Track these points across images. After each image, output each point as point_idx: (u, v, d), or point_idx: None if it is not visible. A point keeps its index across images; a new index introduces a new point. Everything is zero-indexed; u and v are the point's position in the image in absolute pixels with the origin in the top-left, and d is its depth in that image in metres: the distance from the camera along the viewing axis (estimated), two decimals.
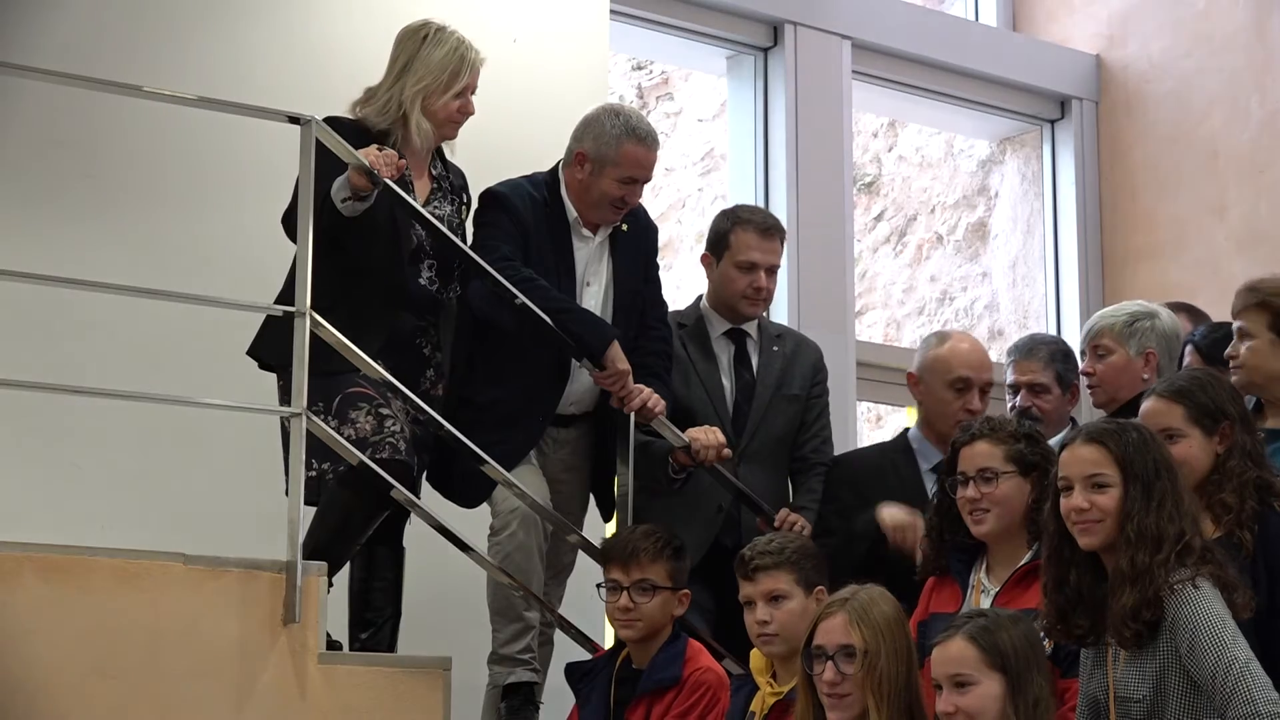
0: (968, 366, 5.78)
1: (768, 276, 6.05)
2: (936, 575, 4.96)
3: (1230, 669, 4.01)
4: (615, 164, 5.84)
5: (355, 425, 5.40)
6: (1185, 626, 4.06)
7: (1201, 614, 4.06)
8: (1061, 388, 6.11)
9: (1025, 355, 6.18)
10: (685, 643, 5.22)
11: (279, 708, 5.08)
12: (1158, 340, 5.62)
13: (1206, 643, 4.04)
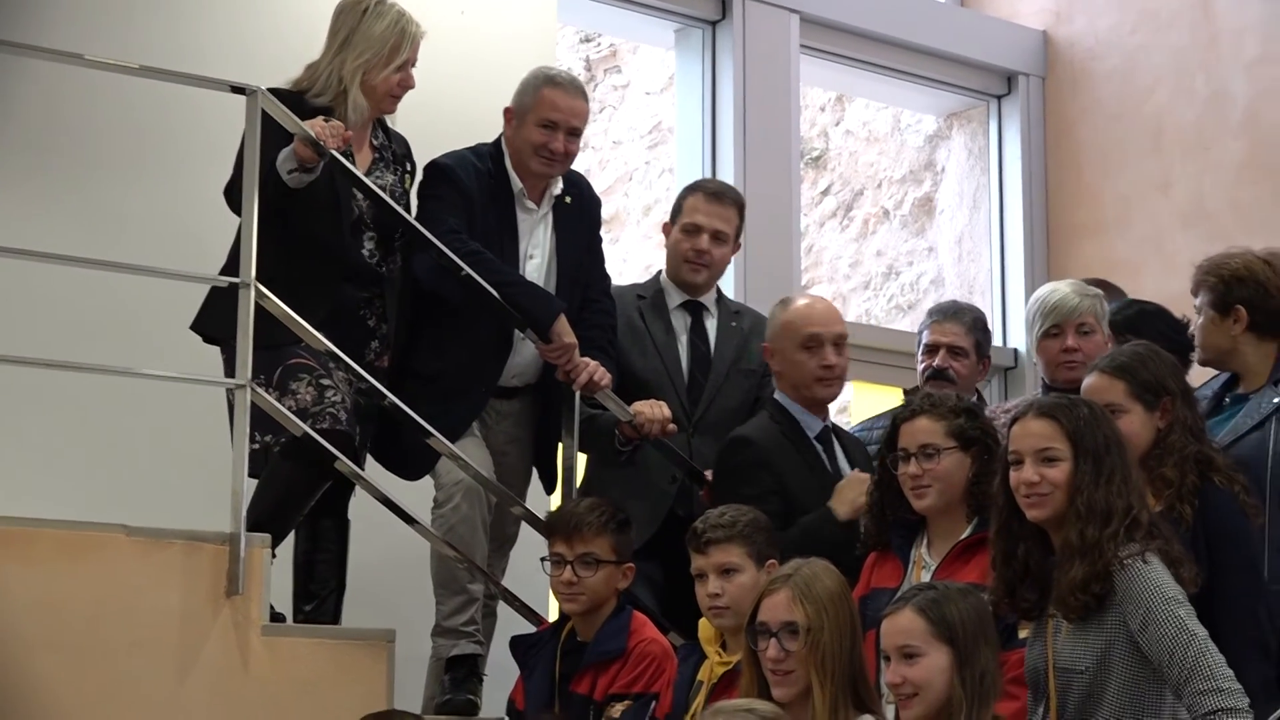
0: (814, 323, 5.68)
1: (712, 241, 6.03)
2: (878, 550, 4.97)
3: (1189, 646, 4.04)
4: (533, 109, 5.84)
5: (296, 396, 5.39)
6: (1138, 601, 4.09)
7: (1154, 589, 4.09)
8: (978, 356, 6.14)
9: (948, 317, 6.19)
10: (630, 615, 5.22)
11: (222, 680, 5.07)
12: (1107, 318, 5.69)
13: (1162, 618, 4.07)
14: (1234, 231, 7.93)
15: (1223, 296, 5.20)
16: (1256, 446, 5.03)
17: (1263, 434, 5.06)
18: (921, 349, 6.20)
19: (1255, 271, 5.20)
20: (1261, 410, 5.10)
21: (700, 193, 6.11)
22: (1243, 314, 5.19)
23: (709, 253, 6.02)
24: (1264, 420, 5.07)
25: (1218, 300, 5.22)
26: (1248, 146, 8.34)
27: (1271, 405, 5.08)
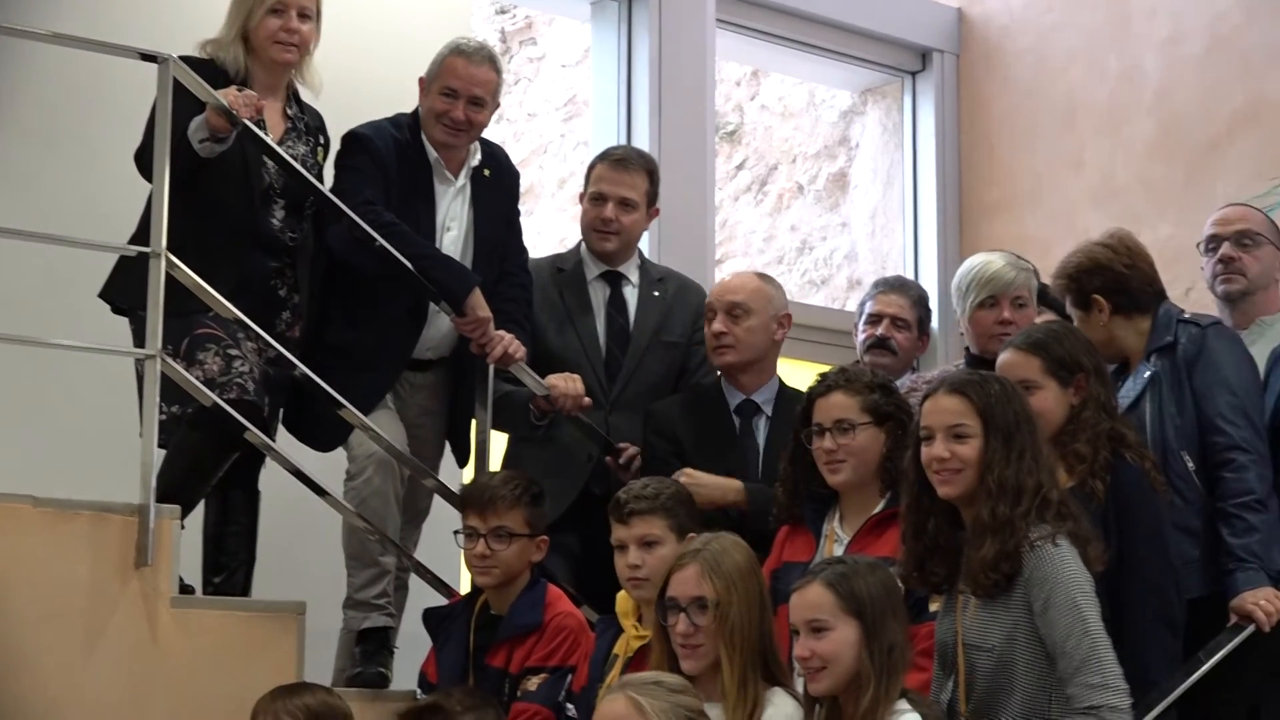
0: (711, 293, 5.78)
1: (617, 208, 5.98)
2: (790, 524, 4.98)
3: (1084, 638, 4.08)
4: (437, 77, 5.81)
5: (203, 366, 5.35)
6: (1041, 585, 4.12)
7: (1060, 575, 4.12)
8: (919, 330, 6.18)
9: (894, 289, 6.23)
10: (544, 588, 5.22)
11: (130, 651, 5.04)
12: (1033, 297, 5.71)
13: (1062, 605, 4.10)
14: (1144, 209, 8.00)
15: (1078, 293, 5.25)
16: (1136, 424, 5.07)
17: (1139, 412, 5.11)
18: (864, 319, 6.22)
19: (1098, 258, 5.25)
20: (1137, 387, 5.14)
21: (605, 161, 6.08)
22: (1102, 302, 5.23)
23: (616, 220, 5.98)
24: (1139, 397, 5.12)
25: (1076, 298, 5.27)
26: (1158, 125, 8.40)
27: (1144, 380, 5.13)
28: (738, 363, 5.63)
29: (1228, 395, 5.07)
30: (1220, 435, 5.03)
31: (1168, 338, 5.16)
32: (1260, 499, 5.00)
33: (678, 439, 5.62)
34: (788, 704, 4.22)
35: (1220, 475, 5.02)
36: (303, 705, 4.75)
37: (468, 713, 4.54)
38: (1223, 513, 4.99)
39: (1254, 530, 4.96)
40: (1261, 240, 5.67)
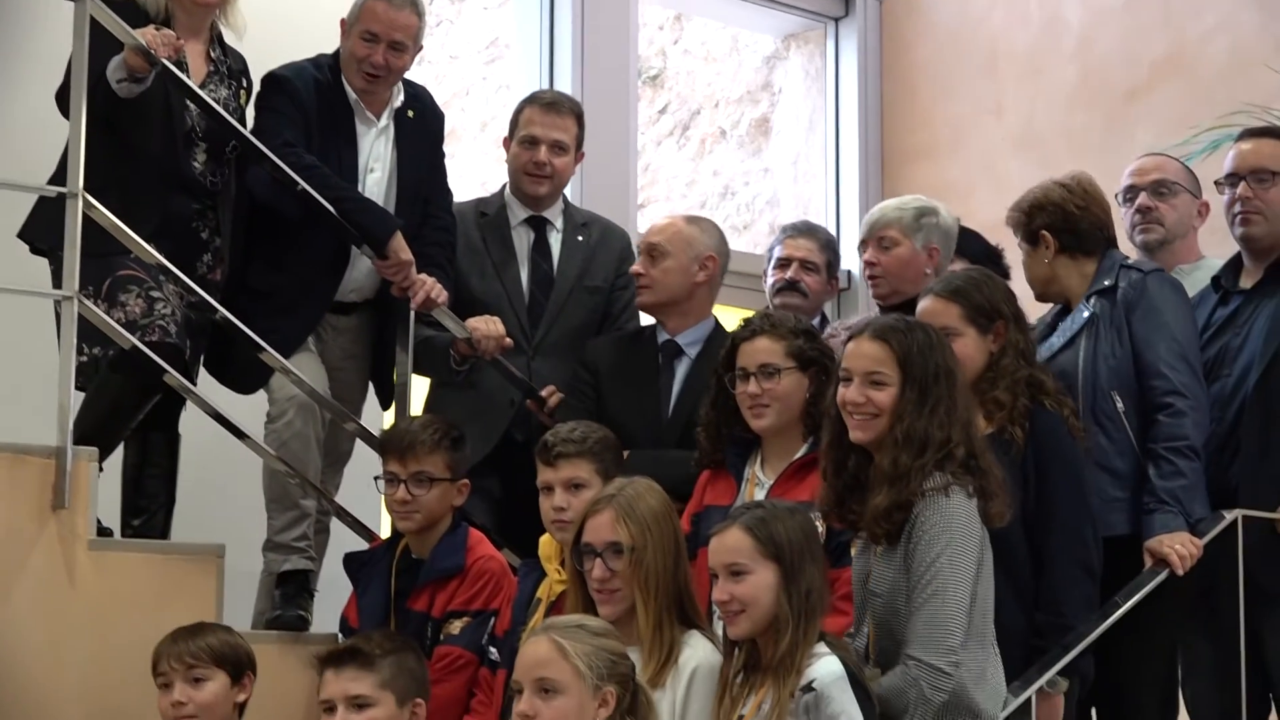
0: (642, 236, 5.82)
1: (550, 152, 5.97)
2: (712, 468, 5.00)
3: (936, 592, 4.11)
4: (358, 20, 5.77)
5: (125, 308, 5.31)
6: (922, 531, 4.15)
7: (941, 524, 4.14)
8: (828, 274, 6.21)
9: (802, 234, 6.26)
10: (466, 532, 5.22)
11: (47, 594, 5.02)
12: (940, 236, 5.66)
13: (929, 552, 4.13)
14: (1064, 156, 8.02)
15: (1027, 227, 5.27)
16: (1069, 362, 5.11)
17: (1074, 350, 5.14)
18: (773, 264, 6.24)
19: (1052, 196, 5.27)
20: (1073, 326, 5.17)
21: (536, 104, 6.07)
22: (1049, 239, 5.25)
23: (548, 164, 5.98)
24: (1074, 336, 5.15)
25: (1025, 232, 5.29)
26: (1079, 72, 8.44)
27: (1082, 320, 5.16)
28: (654, 303, 5.65)
29: (1169, 341, 5.09)
30: (1160, 380, 5.06)
31: (1107, 281, 5.18)
32: (1193, 446, 5.04)
33: (599, 374, 5.63)
34: (704, 647, 4.24)
35: (1157, 418, 5.04)
36: (205, 646, 4.75)
37: (387, 656, 4.54)
38: (1153, 454, 5.03)
39: (1180, 475, 5.00)
40: (1178, 189, 5.71)
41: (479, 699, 4.99)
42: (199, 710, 4.71)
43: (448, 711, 4.96)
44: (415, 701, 4.53)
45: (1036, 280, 5.29)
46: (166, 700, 4.72)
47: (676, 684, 4.17)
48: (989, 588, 4.25)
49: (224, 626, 4.94)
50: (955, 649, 4.10)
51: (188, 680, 4.71)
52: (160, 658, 4.75)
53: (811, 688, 3.94)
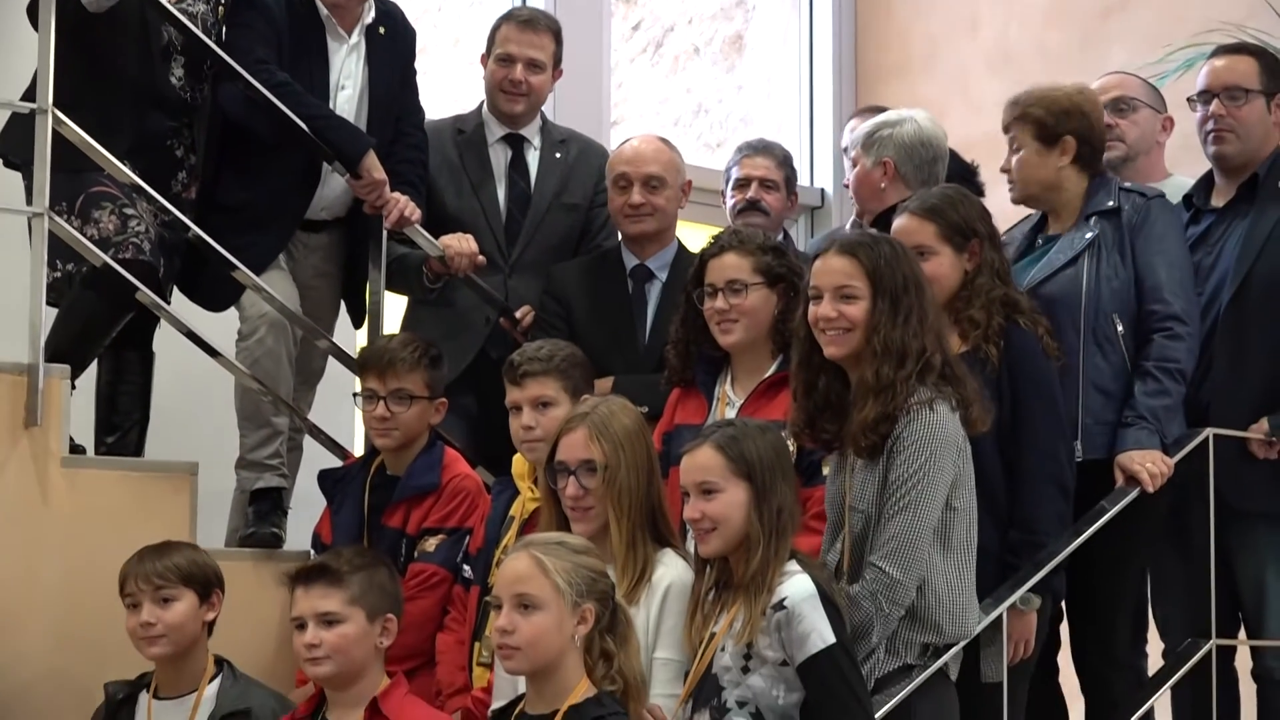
0: (622, 162, 5.73)
1: (526, 70, 5.95)
2: (682, 387, 5.00)
3: (908, 508, 4.14)
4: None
5: (98, 225, 5.29)
6: (906, 445, 4.16)
7: (922, 437, 4.16)
8: (787, 191, 6.20)
9: (759, 152, 6.26)
10: (442, 450, 5.23)
11: (20, 511, 5.02)
12: (895, 149, 5.57)
13: (909, 467, 4.16)
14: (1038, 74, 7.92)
15: (1051, 129, 5.17)
16: (1070, 282, 5.09)
17: (1076, 270, 5.11)
18: (731, 184, 6.24)
19: (1081, 104, 5.20)
20: (1075, 246, 5.14)
21: (512, 22, 6.04)
22: (1071, 145, 5.18)
23: (525, 81, 5.96)
24: (1077, 256, 5.13)
25: (1045, 132, 5.17)
26: None
27: (1084, 241, 5.13)
28: (654, 231, 5.65)
29: (1170, 268, 5.08)
30: (1161, 304, 5.05)
31: (1109, 202, 5.16)
32: (1183, 370, 5.04)
33: (569, 303, 5.63)
34: (677, 565, 4.25)
35: (1152, 338, 5.04)
36: (173, 565, 4.73)
37: (356, 572, 4.53)
38: (1142, 370, 5.03)
39: (1165, 394, 5.01)
40: (1138, 104, 5.70)
41: (453, 616, 5.01)
42: (167, 630, 4.69)
43: (422, 628, 4.98)
44: (386, 617, 4.53)
45: (1036, 183, 5.19)
46: (135, 620, 4.71)
47: (650, 601, 4.18)
48: (972, 500, 4.27)
49: (191, 545, 4.92)
50: (918, 564, 4.13)
51: (156, 601, 4.70)
52: (127, 578, 4.73)
53: (783, 605, 3.95)
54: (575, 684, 3.90)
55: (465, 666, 4.87)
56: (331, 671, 4.46)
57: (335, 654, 4.45)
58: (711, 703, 4.01)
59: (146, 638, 4.69)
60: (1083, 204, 5.18)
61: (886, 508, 4.16)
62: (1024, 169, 5.19)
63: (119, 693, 4.77)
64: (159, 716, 4.72)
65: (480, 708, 4.61)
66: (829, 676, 3.92)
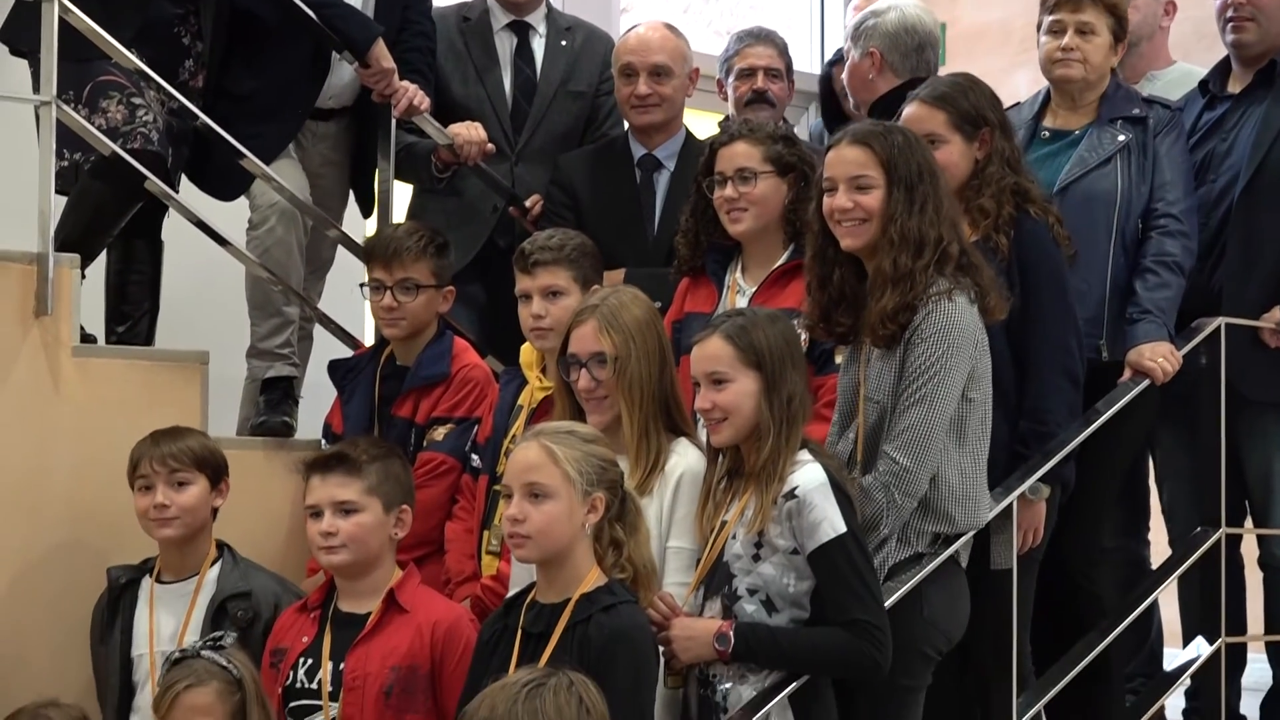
0: (628, 52, 5.70)
1: None
2: (692, 276, 5.00)
3: (922, 405, 4.13)
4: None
5: (106, 114, 5.27)
6: (924, 337, 4.15)
7: (941, 328, 4.15)
8: (788, 78, 6.18)
9: (760, 40, 6.24)
10: (451, 339, 5.23)
11: (32, 401, 5.02)
12: (880, 39, 5.51)
13: (922, 355, 4.14)
14: None
15: (1121, 25, 5.18)
16: (1105, 182, 5.11)
17: (1110, 171, 5.12)
18: (734, 75, 6.20)
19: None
20: (1105, 147, 5.13)
21: None
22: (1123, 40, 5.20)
23: None
24: (1110, 158, 5.12)
25: (1118, 28, 5.19)
26: None
27: (1117, 144, 5.12)
28: (662, 121, 5.62)
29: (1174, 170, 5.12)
30: (1162, 203, 5.09)
31: (1134, 110, 5.15)
32: (1180, 263, 5.06)
33: (575, 192, 5.62)
34: (691, 454, 4.25)
35: (1149, 235, 5.07)
36: (187, 449, 4.76)
37: (373, 462, 4.54)
38: (1141, 268, 5.05)
39: (1166, 287, 5.02)
40: None
41: (461, 505, 5.03)
42: (180, 513, 4.73)
43: (430, 516, 4.99)
44: (401, 508, 4.55)
45: (1098, 72, 5.18)
46: (147, 502, 4.73)
47: (663, 491, 4.19)
48: (988, 392, 4.27)
49: (200, 432, 4.95)
50: (932, 456, 4.13)
51: (170, 483, 4.73)
52: (140, 460, 4.76)
53: (794, 494, 3.96)
54: (586, 572, 3.92)
55: (474, 555, 4.89)
56: (347, 560, 4.48)
57: (351, 543, 4.47)
58: (722, 591, 4.03)
59: (159, 519, 4.72)
60: (1099, 104, 5.15)
61: (902, 399, 4.16)
62: (1097, 56, 5.16)
63: (122, 577, 4.82)
64: (161, 600, 4.76)
65: (490, 595, 4.64)
66: (840, 565, 3.93)
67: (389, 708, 4.36)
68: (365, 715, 4.36)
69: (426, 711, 4.37)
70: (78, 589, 4.92)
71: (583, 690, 3.42)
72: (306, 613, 4.56)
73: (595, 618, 3.84)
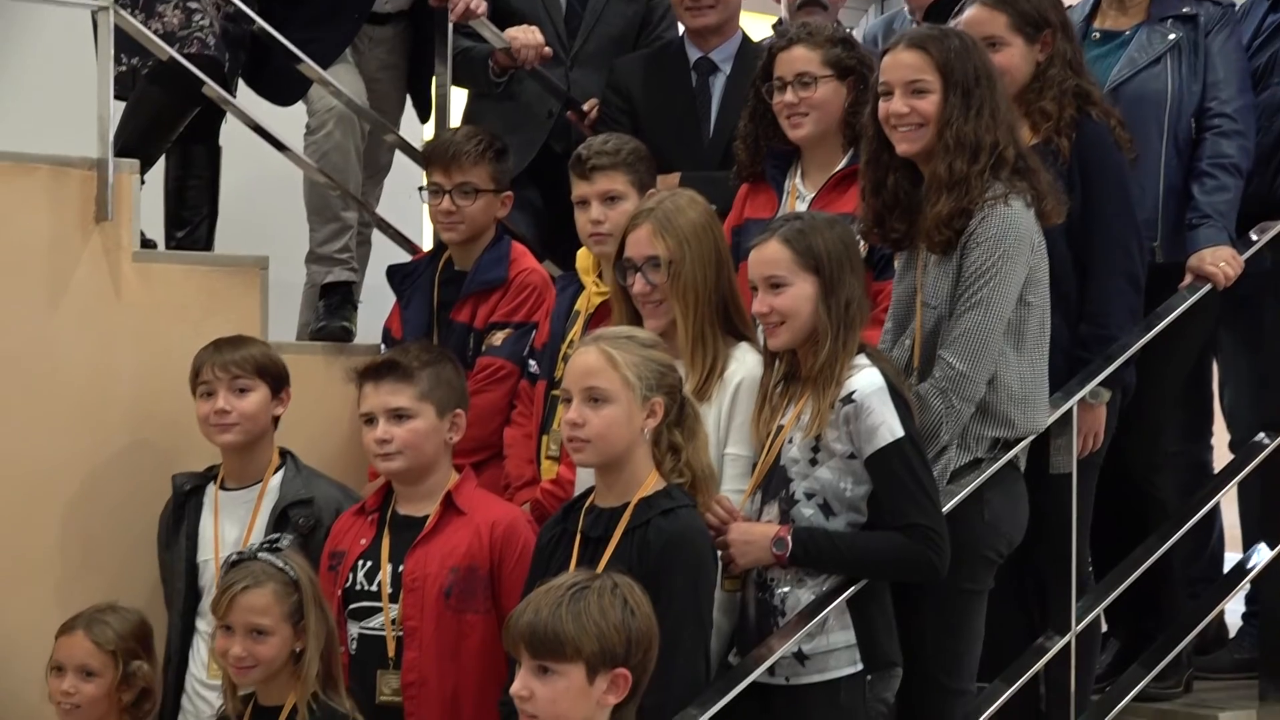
0: None
1: None
2: (751, 181, 4.97)
3: (978, 302, 4.10)
4: None
5: (163, 19, 5.28)
6: (975, 239, 4.12)
7: (997, 232, 4.11)
8: None
9: None
10: (509, 244, 5.22)
11: (93, 306, 5.05)
12: None
13: (978, 259, 4.11)
14: None
15: None
16: (1155, 82, 5.06)
17: (1160, 71, 5.07)
18: None
19: None
20: (1155, 47, 5.08)
21: None
22: None
23: None
24: (1159, 57, 5.07)
25: None
26: None
27: (1167, 43, 5.07)
28: (717, 24, 5.58)
29: (1231, 72, 5.07)
30: (1216, 102, 5.04)
31: (1185, 8, 5.10)
32: (1237, 164, 5.01)
33: (631, 97, 5.59)
34: (752, 359, 4.24)
35: (1204, 137, 5.03)
36: (249, 356, 4.79)
37: (425, 368, 4.55)
38: (1198, 171, 5.01)
39: (1224, 190, 4.98)
40: None
41: (519, 410, 5.03)
42: (241, 419, 4.76)
43: (489, 421, 5.01)
44: (455, 412, 4.56)
45: None
46: (208, 408, 4.77)
47: (722, 396, 4.19)
48: (1046, 295, 4.24)
49: (262, 341, 4.97)
50: (989, 360, 4.11)
51: (231, 390, 4.76)
52: (203, 366, 4.79)
53: (851, 398, 3.95)
54: (644, 477, 3.93)
55: (533, 460, 4.91)
56: (402, 466, 4.50)
57: (406, 449, 4.49)
58: (780, 495, 4.03)
59: (219, 425, 4.76)
60: (1149, 3, 5.10)
61: (959, 304, 4.14)
62: None
63: (186, 484, 4.86)
64: (225, 507, 4.81)
65: (549, 500, 4.65)
66: (897, 469, 3.93)
67: (448, 608, 4.39)
68: (425, 616, 4.39)
69: (486, 611, 4.40)
70: (142, 494, 4.97)
71: (627, 593, 3.43)
72: (364, 516, 4.59)
73: (654, 522, 3.86)
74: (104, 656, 4.49)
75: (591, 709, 3.36)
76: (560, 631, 3.34)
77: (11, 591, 4.88)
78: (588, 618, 3.36)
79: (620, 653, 3.37)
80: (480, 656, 4.39)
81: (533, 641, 3.36)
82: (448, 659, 4.38)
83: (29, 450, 4.94)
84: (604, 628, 3.35)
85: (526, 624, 3.37)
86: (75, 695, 4.46)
